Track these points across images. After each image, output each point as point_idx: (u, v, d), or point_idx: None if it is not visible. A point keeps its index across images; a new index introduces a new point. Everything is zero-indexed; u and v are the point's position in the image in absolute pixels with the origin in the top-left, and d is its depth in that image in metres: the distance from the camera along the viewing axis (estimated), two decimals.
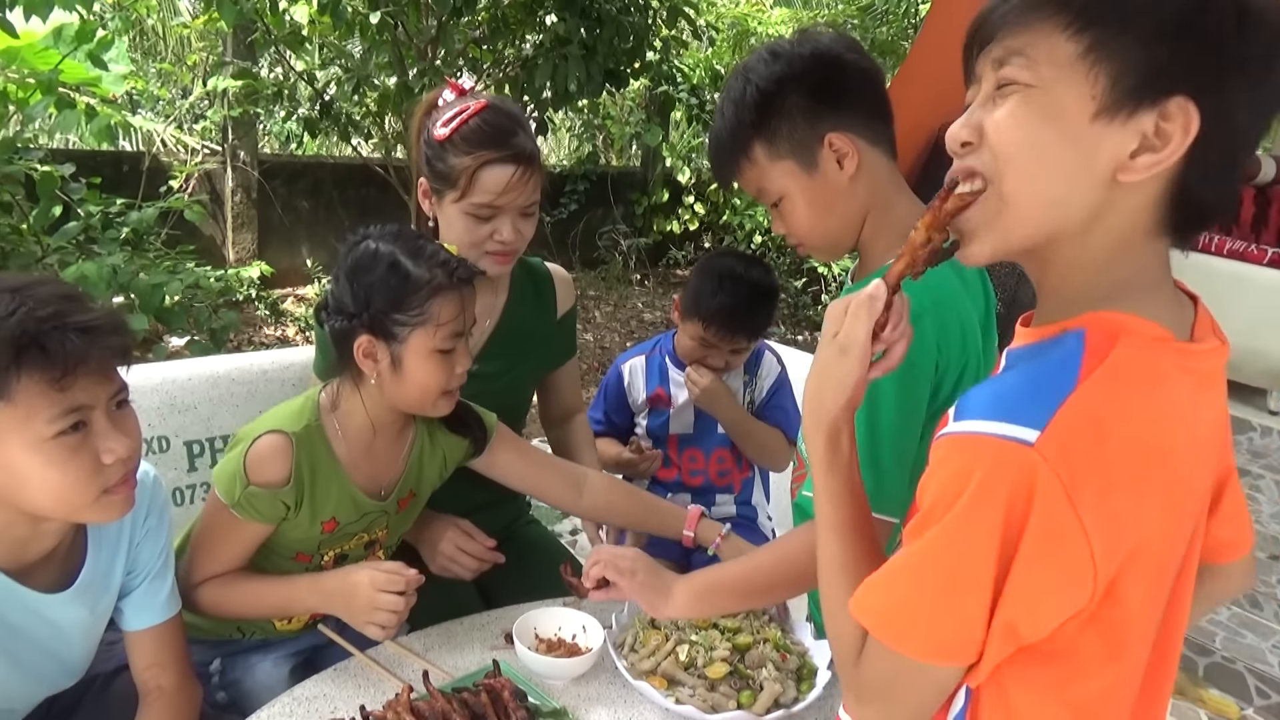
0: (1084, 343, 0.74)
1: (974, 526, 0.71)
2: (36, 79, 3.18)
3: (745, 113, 1.27)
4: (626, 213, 7.54)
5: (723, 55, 7.56)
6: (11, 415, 1.05)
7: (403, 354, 1.36)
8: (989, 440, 0.71)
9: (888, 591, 0.80)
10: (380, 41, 4.37)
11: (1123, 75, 0.72)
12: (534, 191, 1.60)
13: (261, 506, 1.35)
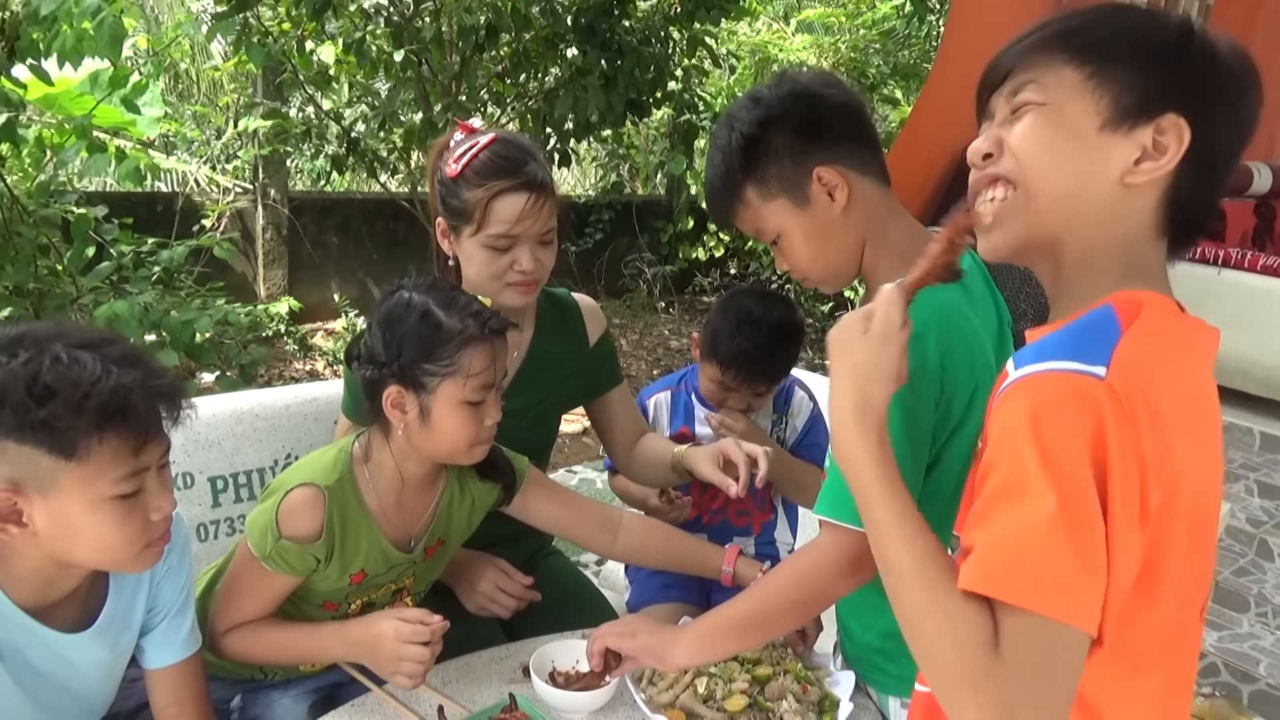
0: (1113, 308, 0.82)
1: (1069, 454, 0.74)
2: (71, 124, 3.27)
3: (733, 158, 1.31)
4: (652, 241, 7.58)
5: (745, 83, 7.60)
6: (80, 475, 1.07)
7: (431, 405, 1.36)
8: (1062, 375, 0.76)
9: (1018, 550, 0.74)
10: (405, 79, 4.46)
11: (1122, 95, 0.85)
12: (549, 218, 1.61)
13: (292, 560, 1.36)
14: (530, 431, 1.79)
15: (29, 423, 1.04)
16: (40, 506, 1.08)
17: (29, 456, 1.05)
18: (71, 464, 1.06)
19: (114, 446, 1.08)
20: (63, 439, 1.05)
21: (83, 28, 2.74)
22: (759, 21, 8.00)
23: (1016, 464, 0.75)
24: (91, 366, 1.07)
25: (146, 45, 5.04)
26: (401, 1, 4.39)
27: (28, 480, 1.07)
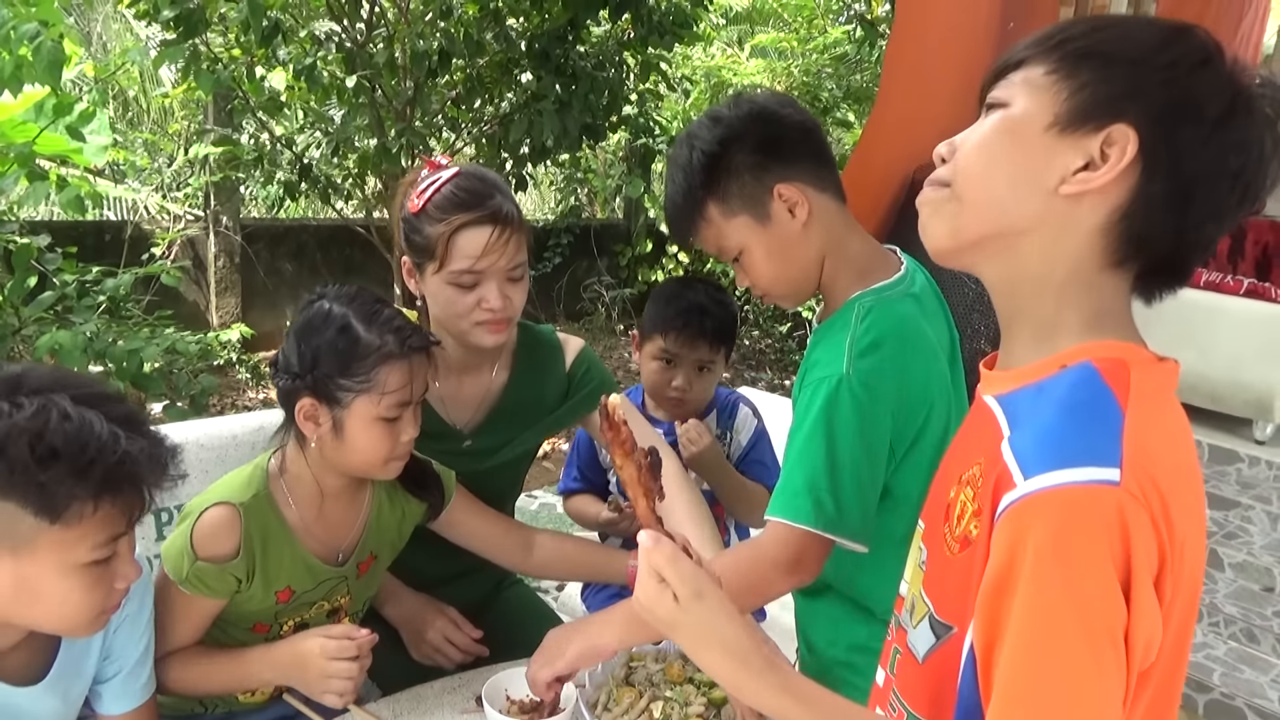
0: (1097, 372, 0.76)
1: (1095, 580, 0.67)
2: (14, 152, 3.20)
3: (695, 176, 1.34)
4: (611, 264, 7.59)
5: (700, 106, 7.66)
6: (60, 538, 1.01)
7: (345, 419, 1.33)
8: (1079, 491, 0.69)
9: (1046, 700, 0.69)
10: (358, 105, 4.43)
11: (1078, 94, 0.79)
12: (517, 253, 1.55)
13: (211, 581, 1.32)
14: (499, 472, 1.75)
15: (25, 482, 0.98)
16: (7, 565, 1.02)
17: (10, 514, 0.99)
18: (55, 527, 1.00)
19: (107, 515, 1.03)
20: (54, 502, 0.99)
21: (21, 54, 2.68)
22: (713, 46, 8.08)
23: (1038, 598, 0.68)
24: (99, 429, 1.01)
25: (93, 72, 4.96)
26: (354, 27, 4.37)
27: (2, 537, 1.00)
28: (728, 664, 0.86)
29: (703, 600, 0.87)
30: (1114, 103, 0.78)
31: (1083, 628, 0.67)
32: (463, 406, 1.70)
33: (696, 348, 1.94)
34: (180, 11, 3.67)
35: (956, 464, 0.89)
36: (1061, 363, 0.80)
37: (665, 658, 1.47)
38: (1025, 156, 0.81)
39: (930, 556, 0.90)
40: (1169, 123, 0.76)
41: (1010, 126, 0.83)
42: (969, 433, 0.93)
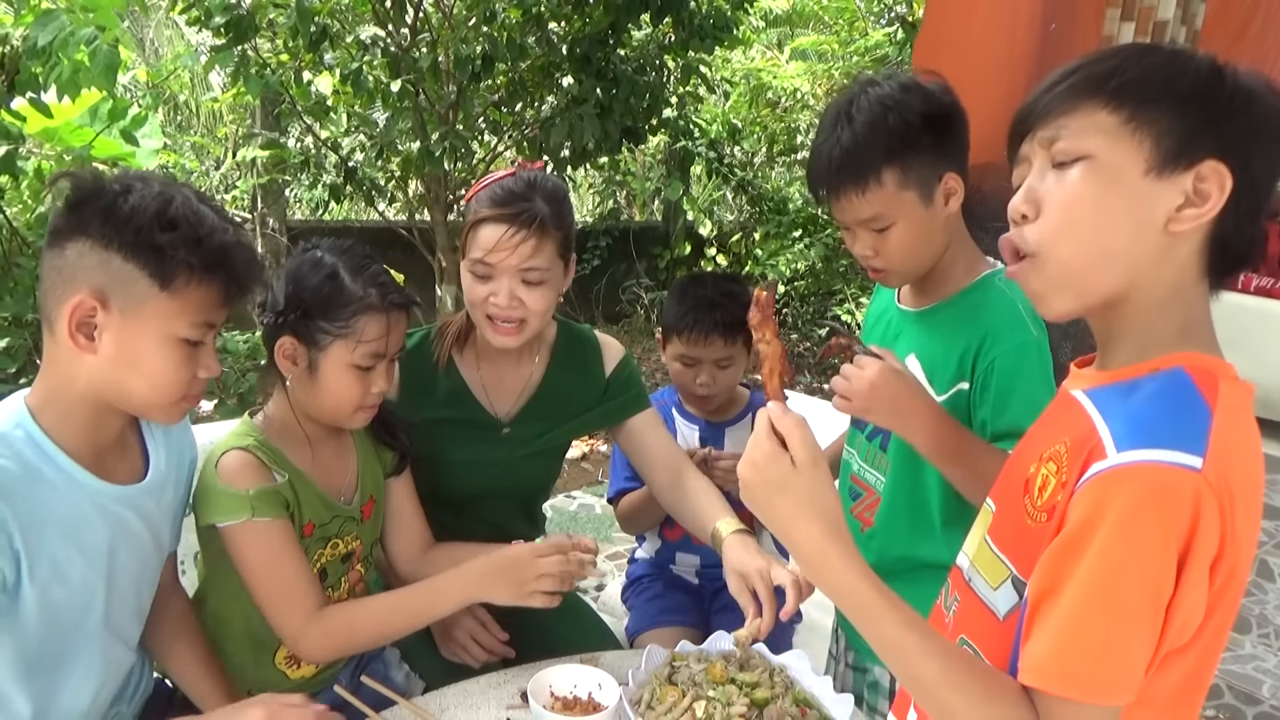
0: (1190, 377, 0.83)
1: (1159, 551, 0.75)
2: (71, 156, 3.30)
3: (887, 139, 1.33)
4: (649, 266, 7.61)
5: (739, 109, 7.67)
6: (165, 307, 1.15)
7: (320, 361, 1.41)
8: (1165, 469, 0.76)
9: (1087, 648, 0.78)
10: (402, 109, 4.49)
11: (1163, 137, 0.84)
12: (533, 256, 1.56)
13: (272, 501, 1.37)
14: (534, 462, 1.80)
15: (146, 244, 1.12)
16: (115, 326, 1.14)
17: (129, 275, 1.13)
18: (164, 294, 1.14)
19: (206, 292, 1.17)
20: (167, 268, 1.13)
21: (78, 58, 2.76)
22: (752, 49, 8.08)
23: (1107, 556, 0.77)
24: (211, 219, 1.17)
25: (146, 77, 5.07)
26: (398, 33, 4.43)
27: (116, 296, 1.13)
28: (822, 534, 0.89)
29: (818, 468, 0.92)
30: (1198, 140, 0.83)
31: (1139, 591, 0.76)
32: (504, 395, 1.76)
33: (711, 345, 1.94)
34: (230, 18, 3.74)
35: (1036, 446, 0.94)
36: (1154, 367, 0.86)
37: (707, 658, 1.48)
38: (1131, 206, 0.85)
39: (1005, 525, 0.96)
40: (1245, 148, 0.84)
41: (1106, 181, 0.85)
42: (1051, 420, 0.98)
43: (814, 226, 7.16)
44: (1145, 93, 0.85)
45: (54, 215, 1.17)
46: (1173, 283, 0.87)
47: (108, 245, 1.12)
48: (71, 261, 1.14)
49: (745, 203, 7.72)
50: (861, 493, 1.62)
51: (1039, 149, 0.90)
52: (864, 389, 1.32)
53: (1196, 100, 0.84)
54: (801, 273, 6.97)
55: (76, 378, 1.17)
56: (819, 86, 7.34)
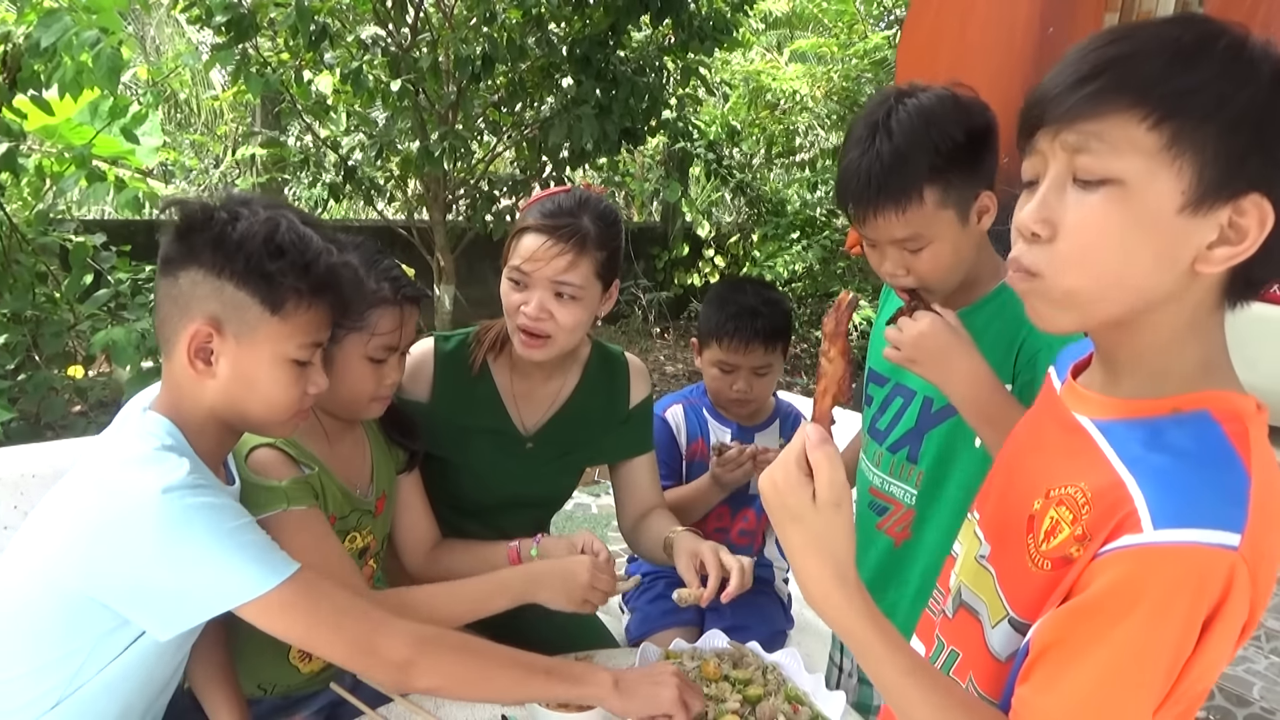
0: (1220, 427, 0.77)
1: (1186, 630, 0.73)
2: (71, 154, 3.31)
3: (931, 158, 1.27)
4: (647, 267, 7.62)
5: (739, 111, 7.69)
6: (277, 331, 1.18)
7: (334, 354, 1.41)
8: (1200, 551, 0.72)
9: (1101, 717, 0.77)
10: (401, 108, 4.51)
11: (1206, 169, 0.73)
12: (568, 271, 1.55)
13: (306, 490, 1.39)
14: (552, 479, 1.81)
15: (256, 272, 1.15)
16: (230, 352, 1.18)
17: (241, 303, 1.16)
18: (275, 319, 1.17)
19: (314, 315, 1.21)
20: (277, 294, 1.16)
21: (82, 59, 2.78)
22: (752, 51, 8.10)
23: (1135, 639, 0.74)
24: (317, 242, 1.20)
25: (146, 75, 5.09)
26: (399, 32, 4.45)
27: (230, 323, 1.17)
28: (829, 576, 0.86)
29: (838, 512, 0.87)
30: (1242, 171, 0.73)
31: (1159, 672, 0.75)
32: (532, 408, 1.76)
33: (751, 352, 1.95)
34: (231, 16, 3.76)
35: (1039, 474, 0.89)
36: (1176, 406, 0.80)
37: (701, 656, 1.49)
38: (1157, 245, 0.76)
39: (1006, 564, 0.92)
40: None
41: (1137, 216, 0.75)
42: (1056, 450, 0.90)
43: (812, 228, 7.18)
44: (1195, 109, 0.73)
45: (164, 244, 1.20)
46: (1189, 314, 0.80)
47: (220, 274, 1.16)
48: (185, 290, 1.17)
49: (744, 204, 7.75)
50: (888, 507, 1.57)
51: (1060, 152, 0.78)
52: (913, 338, 1.29)
53: (1252, 121, 0.72)
54: (799, 274, 6.99)
55: (202, 399, 1.21)
56: (818, 89, 7.37)
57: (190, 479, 1.12)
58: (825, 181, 7.47)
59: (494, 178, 5.12)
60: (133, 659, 1.19)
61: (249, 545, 1.13)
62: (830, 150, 7.51)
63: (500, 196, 5.06)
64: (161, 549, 1.09)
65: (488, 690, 1.28)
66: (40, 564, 1.16)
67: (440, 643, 1.23)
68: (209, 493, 1.13)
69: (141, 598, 1.12)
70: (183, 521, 1.09)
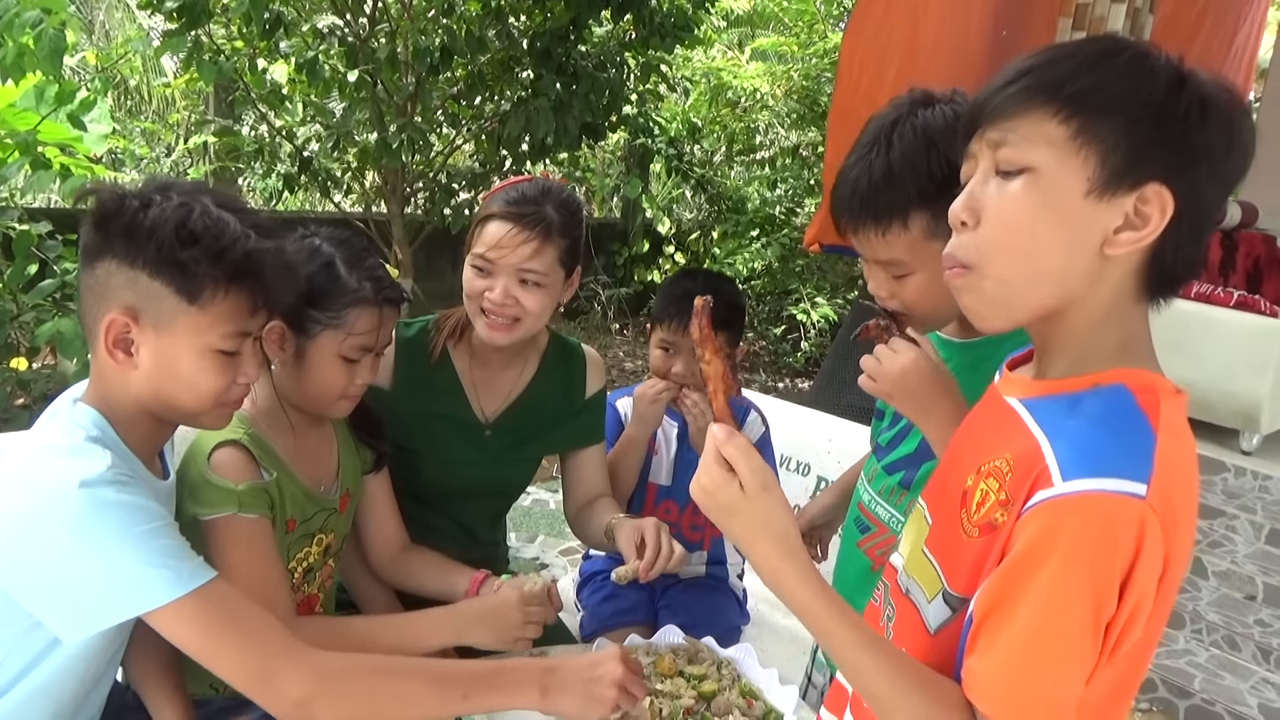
0: (1132, 396, 0.83)
1: (1104, 579, 0.76)
2: (15, 140, 3.22)
3: (922, 183, 1.17)
4: (607, 263, 7.61)
5: (699, 108, 7.70)
6: (196, 321, 1.15)
7: (308, 349, 1.41)
8: (1106, 498, 0.76)
9: (1035, 672, 0.79)
10: (359, 99, 4.45)
11: (1108, 157, 0.81)
12: (533, 259, 1.58)
13: (259, 500, 1.36)
14: (510, 467, 1.81)
15: (168, 260, 1.11)
16: (150, 341, 1.15)
17: (157, 293, 1.13)
18: (192, 309, 1.14)
19: (234, 303, 1.16)
20: (192, 283, 1.13)
21: (23, 41, 2.70)
22: (713, 49, 8.12)
23: (1055, 586, 0.77)
24: (234, 226, 1.15)
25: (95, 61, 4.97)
26: (356, 22, 4.39)
27: (147, 313, 1.14)
28: (776, 554, 0.91)
29: (768, 494, 0.93)
30: (1143, 162, 0.80)
31: (1088, 614, 0.77)
32: (491, 396, 1.78)
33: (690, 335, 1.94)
34: (183, 2, 3.69)
35: (973, 453, 0.94)
36: (1095, 381, 0.85)
37: (656, 651, 1.50)
38: (1068, 227, 0.83)
39: (941, 537, 0.96)
40: (1193, 170, 0.81)
41: (1047, 199, 0.83)
42: (987, 429, 0.96)
43: (771, 226, 7.22)
44: (1097, 104, 0.81)
45: (82, 233, 1.17)
46: (1109, 300, 0.86)
47: (133, 263, 1.13)
48: (102, 280, 1.14)
49: (704, 201, 7.77)
50: (871, 527, 1.51)
51: (986, 150, 0.87)
52: (894, 374, 1.22)
53: (1150, 116, 0.80)
54: (759, 272, 7.03)
55: (127, 390, 1.18)
56: (778, 87, 7.40)
57: (110, 474, 1.09)
58: (785, 180, 7.52)
59: (453, 171, 5.07)
60: (56, 662, 1.16)
61: (163, 550, 1.09)
62: (790, 149, 7.56)
63: (459, 190, 5.02)
64: (72, 544, 1.06)
65: (400, 717, 1.20)
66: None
67: (347, 676, 1.16)
68: (129, 490, 1.10)
69: (48, 595, 1.09)
70: (96, 518, 1.06)
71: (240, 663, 1.11)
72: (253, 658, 1.11)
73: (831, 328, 6.55)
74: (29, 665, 1.15)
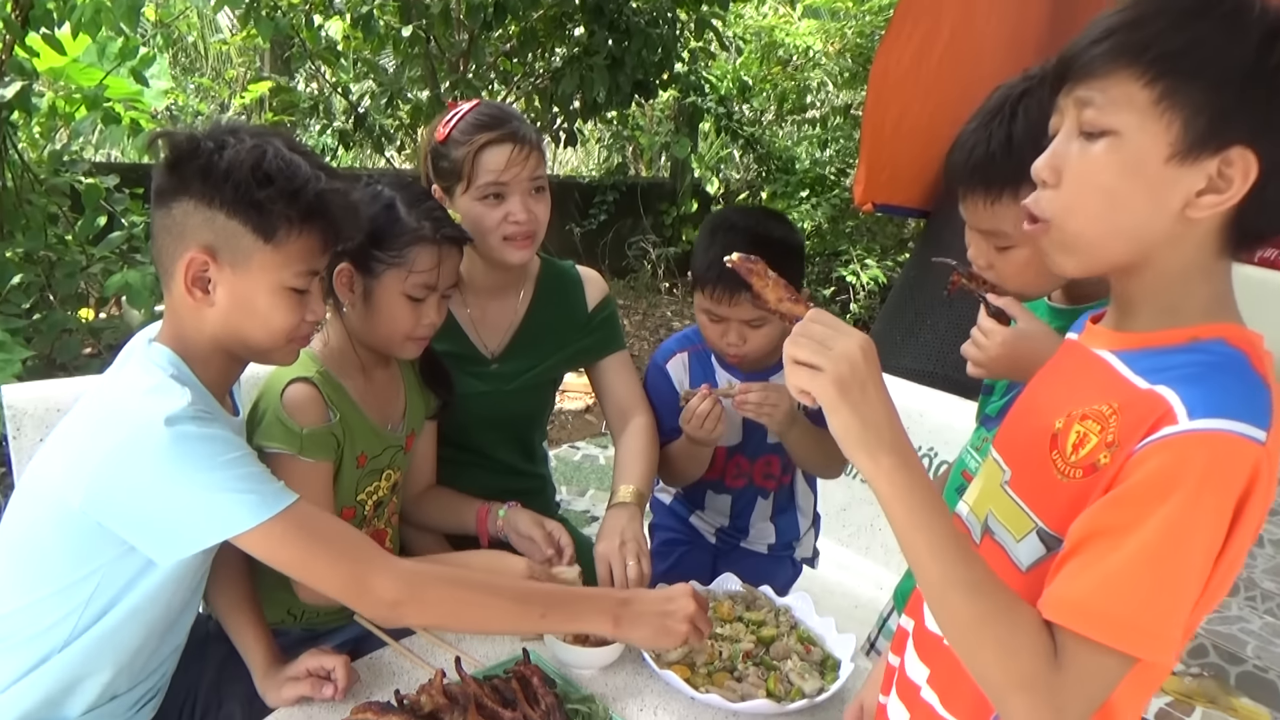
0: (1240, 350, 0.84)
1: (1221, 518, 0.78)
2: (83, 94, 3.29)
3: None
4: (655, 222, 7.59)
5: (750, 66, 7.60)
6: (271, 259, 1.19)
7: (374, 289, 1.46)
8: (1233, 439, 0.78)
9: (1123, 595, 0.79)
10: (412, 55, 4.47)
11: (1191, 121, 0.80)
12: (537, 168, 1.67)
13: (323, 445, 1.42)
14: (523, 395, 1.85)
15: (245, 200, 1.16)
16: (227, 279, 1.19)
17: (234, 231, 1.18)
18: (268, 247, 1.18)
19: (307, 242, 1.21)
20: (268, 222, 1.17)
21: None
22: (765, 5, 7.99)
23: (1179, 519, 0.77)
24: (305, 168, 1.20)
25: (155, 17, 5.03)
26: None
27: (225, 251, 1.18)
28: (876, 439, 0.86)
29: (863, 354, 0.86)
30: (1228, 125, 0.79)
31: (1199, 556, 0.79)
32: (491, 330, 1.82)
33: (738, 305, 1.67)
34: None
35: (1058, 400, 0.94)
36: (1194, 335, 0.85)
37: (715, 598, 1.53)
38: (1150, 191, 0.83)
39: (1029, 479, 0.95)
40: (1277, 133, 0.80)
41: (1128, 164, 0.83)
42: (1073, 377, 0.96)
43: (821, 187, 7.14)
44: (1184, 67, 0.80)
45: (156, 175, 1.21)
46: (1191, 257, 0.85)
47: (210, 203, 1.17)
48: (179, 220, 1.18)
49: (752, 161, 7.69)
50: None
51: (1072, 108, 0.87)
52: (992, 355, 1.26)
53: (1237, 79, 0.79)
54: (808, 233, 6.96)
55: (203, 328, 1.23)
56: (831, 45, 7.27)
57: (192, 409, 1.14)
58: (835, 140, 7.41)
59: None
60: (148, 586, 1.22)
61: (247, 477, 1.15)
62: (842, 108, 7.44)
63: None
64: (162, 477, 1.12)
65: (480, 627, 1.32)
66: (49, 491, 1.19)
67: (432, 582, 1.24)
68: (211, 424, 1.15)
69: (142, 523, 1.15)
70: (183, 450, 1.12)
71: (335, 573, 1.19)
72: (345, 567, 1.19)
73: (881, 289, 6.48)
74: (121, 592, 1.22)
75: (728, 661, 1.38)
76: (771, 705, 1.28)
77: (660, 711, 1.31)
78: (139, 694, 1.33)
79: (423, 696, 1.23)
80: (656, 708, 1.32)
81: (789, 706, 1.29)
